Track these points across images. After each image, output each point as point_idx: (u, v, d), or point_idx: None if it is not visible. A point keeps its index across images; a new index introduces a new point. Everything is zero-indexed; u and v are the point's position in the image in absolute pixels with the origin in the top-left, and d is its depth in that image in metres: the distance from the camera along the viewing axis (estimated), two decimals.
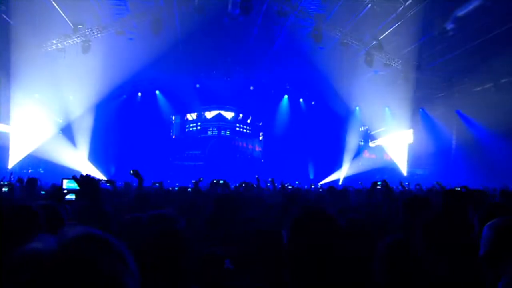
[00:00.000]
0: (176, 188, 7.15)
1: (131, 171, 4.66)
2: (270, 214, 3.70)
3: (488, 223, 1.32)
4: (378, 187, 4.95)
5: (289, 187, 8.83)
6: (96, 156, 18.05)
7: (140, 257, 1.92)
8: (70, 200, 3.17)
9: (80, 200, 3.02)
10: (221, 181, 5.22)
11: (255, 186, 6.58)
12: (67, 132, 17.59)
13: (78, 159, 17.25)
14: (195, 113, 21.82)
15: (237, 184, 5.92)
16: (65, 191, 2.98)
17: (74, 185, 2.21)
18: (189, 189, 5.41)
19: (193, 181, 5.99)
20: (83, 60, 13.97)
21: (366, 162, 21.75)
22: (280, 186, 6.58)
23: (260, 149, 22.49)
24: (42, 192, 5.88)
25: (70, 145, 17.24)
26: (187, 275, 1.82)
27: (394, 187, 10.36)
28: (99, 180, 6.13)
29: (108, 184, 5.92)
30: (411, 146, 21.29)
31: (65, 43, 13.63)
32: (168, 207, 4.38)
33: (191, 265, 1.91)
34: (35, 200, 3.71)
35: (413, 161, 21.08)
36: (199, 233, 2.81)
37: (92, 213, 2.29)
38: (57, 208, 2.37)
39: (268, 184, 8.68)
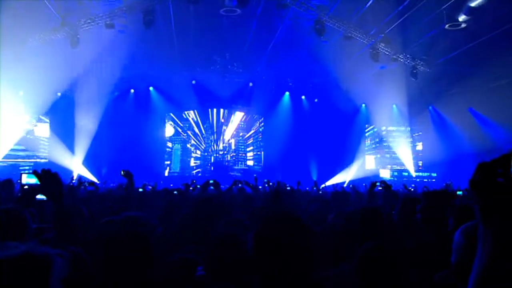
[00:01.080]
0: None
1: (122, 172, 4.65)
2: (259, 216, 3.65)
3: (460, 228, 1.27)
4: (378, 188, 4.91)
5: (288, 188, 8.80)
6: (86, 157, 18.04)
7: (107, 259, 1.89)
8: (42, 200, 3.13)
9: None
10: (211, 181, 5.16)
11: (252, 184, 6.55)
12: (58, 131, 17.60)
13: (71, 160, 17.27)
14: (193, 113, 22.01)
15: (229, 186, 5.86)
16: (25, 187, 2.94)
17: (35, 180, 2.18)
18: (175, 192, 5.38)
19: (182, 183, 5.97)
20: (72, 55, 13.91)
21: (371, 163, 21.67)
22: (275, 186, 6.53)
23: (259, 149, 22.48)
24: None
25: (64, 145, 17.25)
26: (153, 280, 1.78)
27: (400, 189, 10.35)
28: (83, 182, 6.13)
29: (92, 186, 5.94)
30: (421, 146, 21.21)
31: (52, 36, 13.59)
32: (151, 209, 4.36)
33: (159, 270, 1.87)
34: (10, 202, 3.69)
35: (423, 162, 20.98)
36: (176, 237, 2.77)
37: (57, 213, 2.25)
38: (21, 212, 2.32)
39: (266, 186, 8.67)
